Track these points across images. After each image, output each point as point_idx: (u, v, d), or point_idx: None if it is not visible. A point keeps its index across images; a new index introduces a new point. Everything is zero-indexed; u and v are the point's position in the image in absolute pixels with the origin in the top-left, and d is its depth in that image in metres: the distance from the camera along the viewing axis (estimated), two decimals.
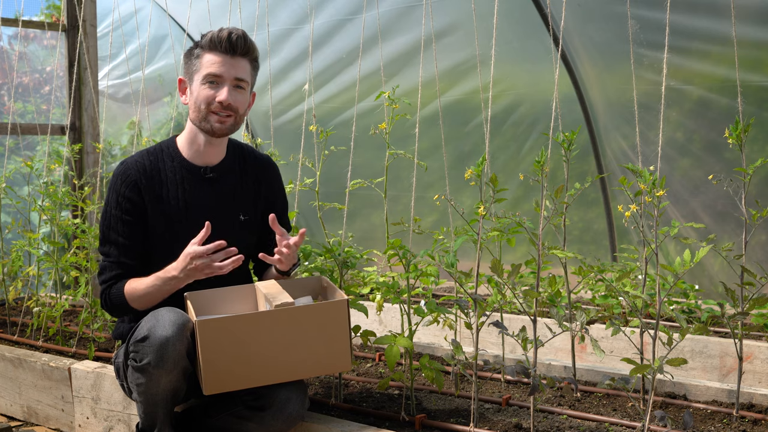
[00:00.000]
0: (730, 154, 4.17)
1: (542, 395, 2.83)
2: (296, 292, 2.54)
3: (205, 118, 2.45)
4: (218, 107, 2.43)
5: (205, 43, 2.45)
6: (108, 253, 2.50)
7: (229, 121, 2.46)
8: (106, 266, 2.50)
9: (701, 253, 2.13)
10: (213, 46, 2.43)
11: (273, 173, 2.69)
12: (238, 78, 2.44)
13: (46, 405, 3.15)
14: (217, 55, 2.43)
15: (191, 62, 2.48)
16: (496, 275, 2.29)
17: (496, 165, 5.13)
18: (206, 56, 2.44)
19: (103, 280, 2.49)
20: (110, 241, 2.49)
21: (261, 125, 6.07)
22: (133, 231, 2.47)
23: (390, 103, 2.85)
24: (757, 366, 3.24)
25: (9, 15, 5.17)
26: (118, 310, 2.50)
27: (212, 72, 2.42)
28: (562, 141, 2.63)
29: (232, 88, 2.44)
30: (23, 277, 3.92)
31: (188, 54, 2.51)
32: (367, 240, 5.52)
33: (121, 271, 2.48)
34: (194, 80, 2.47)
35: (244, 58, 2.46)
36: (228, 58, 2.43)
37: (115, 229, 2.48)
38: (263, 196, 2.64)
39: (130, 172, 2.49)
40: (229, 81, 2.43)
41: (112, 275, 2.48)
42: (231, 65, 2.43)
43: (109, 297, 2.48)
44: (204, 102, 2.44)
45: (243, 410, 2.41)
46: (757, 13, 3.81)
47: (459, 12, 4.77)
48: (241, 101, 2.47)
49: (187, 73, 2.51)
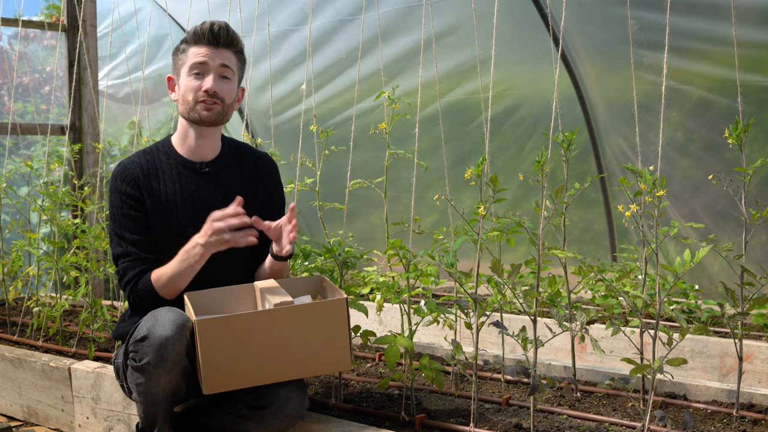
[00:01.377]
0: (730, 154, 4.17)
1: (542, 395, 2.83)
2: (296, 291, 2.54)
3: (192, 108, 2.48)
4: (204, 95, 2.45)
5: (189, 38, 2.50)
6: (126, 253, 2.46)
7: (216, 108, 2.48)
8: (127, 267, 2.46)
9: (701, 253, 2.13)
10: (197, 39, 2.47)
11: (271, 170, 2.68)
12: (223, 65, 2.47)
13: (46, 405, 3.15)
14: (201, 47, 2.47)
15: (178, 58, 2.53)
16: (496, 275, 2.29)
17: (496, 165, 5.13)
18: (191, 49, 2.48)
19: (127, 281, 2.46)
20: (125, 241, 2.47)
21: (261, 125, 6.07)
22: (142, 226, 2.48)
23: (390, 103, 2.85)
24: (757, 366, 3.24)
25: (9, 15, 5.18)
26: (146, 304, 2.44)
27: (197, 62, 2.46)
28: (562, 141, 2.63)
29: (218, 77, 2.47)
30: (23, 277, 3.92)
31: (175, 51, 2.55)
32: (367, 240, 5.52)
33: (144, 266, 2.45)
34: (181, 74, 2.51)
35: (228, 49, 2.50)
36: (212, 49, 2.47)
37: (126, 227, 2.47)
38: (261, 193, 2.63)
39: (129, 171, 2.51)
40: (214, 69, 2.47)
41: (135, 273, 2.45)
42: (215, 54, 2.47)
43: (136, 294, 2.44)
44: (191, 92, 2.47)
45: (243, 409, 2.41)
46: (757, 14, 3.81)
47: (459, 12, 4.78)
48: (227, 90, 2.49)
49: (174, 69, 2.55)
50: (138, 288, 2.44)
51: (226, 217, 2.33)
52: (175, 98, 2.55)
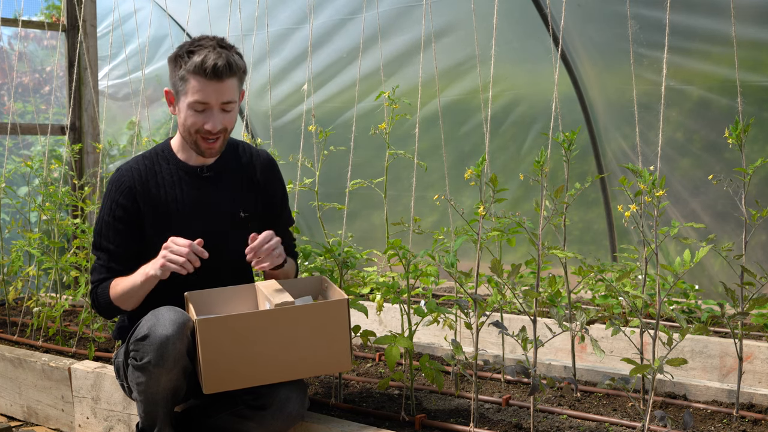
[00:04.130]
0: (730, 154, 4.17)
1: (542, 395, 2.83)
2: (296, 291, 2.54)
3: (194, 143, 2.45)
4: (207, 133, 2.42)
5: (190, 68, 2.37)
6: (98, 257, 2.54)
7: (219, 143, 2.46)
8: (96, 267, 2.54)
9: (701, 253, 2.13)
10: (198, 71, 2.36)
11: (270, 167, 2.67)
12: (225, 102, 2.41)
13: (46, 405, 3.15)
14: (201, 82, 2.36)
15: (177, 80, 2.41)
16: (496, 275, 2.29)
17: (496, 165, 5.13)
18: (191, 82, 2.37)
19: (92, 281, 2.55)
20: (101, 248, 2.53)
21: (261, 125, 6.07)
22: (123, 239, 2.49)
23: (390, 103, 2.85)
24: (757, 366, 3.24)
25: (9, 15, 5.17)
26: (105, 309, 2.53)
27: (199, 100, 2.37)
28: (563, 141, 2.63)
29: (219, 112, 2.41)
30: (23, 277, 3.91)
31: (174, 64, 2.43)
32: (367, 240, 5.52)
33: (108, 275, 2.51)
34: (181, 101, 2.42)
35: (231, 78, 2.41)
36: (214, 83, 2.37)
37: (105, 237, 2.51)
38: (262, 191, 2.63)
39: (124, 179, 2.50)
40: (217, 106, 2.40)
41: (100, 278, 2.52)
42: (217, 90, 2.38)
43: (96, 296, 2.53)
44: (192, 128, 2.42)
45: (243, 409, 2.41)
46: (757, 14, 3.81)
47: (458, 12, 4.77)
48: (229, 120, 2.44)
49: (173, 87, 2.45)
50: (97, 292, 2.52)
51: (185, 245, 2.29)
52: (174, 113, 2.49)
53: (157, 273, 2.33)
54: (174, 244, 2.31)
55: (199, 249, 2.30)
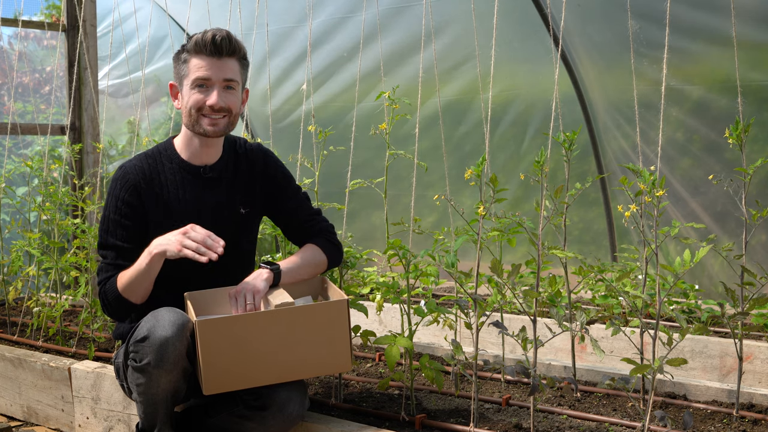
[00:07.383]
0: (730, 154, 4.17)
1: (542, 395, 2.83)
2: (296, 292, 2.54)
3: (197, 122, 2.45)
4: (209, 110, 2.43)
5: (190, 47, 2.43)
6: (105, 256, 2.51)
7: (223, 122, 2.46)
8: (102, 267, 2.51)
9: (701, 253, 2.13)
10: (198, 49, 2.41)
11: (267, 159, 2.67)
12: (227, 79, 2.43)
13: (46, 405, 3.15)
14: (203, 59, 2.41)
15: (179, 66, 2.47)
16: (496, 275, 2.28)
17: (496, 165, 5.13)
18: (193, 60, 2.42)
19: (100, 281, 2.51)
20: (108, 246, 2.50)
21: (261, 125, 6.07)
22: (131, 235, 2.48)
23: (390, 103, 2.85)
24: (757, 366, 3.24)
25: (9, 15, 5.17)
26: (115, 306, 2.47)
27: (200, 76, 2.41)
28: (563, 141, 2.63)
29: (222, 90, 2.43)
30: (23, 277, 3.91)
31: (176, 58, 2.49)
32: (367, 240, 5.52)
33: (116, 272, 2.48)
34: (184, 85, 2.46)
35: (231, 58, 2.45)
36: (215, 60, 2.41)
37: (113, 234, 2.48)
38: (260, 185, 2.63)
39: (129, 177, 2.49)
40: (218, 83, 2.42)
41: (107, 276, 2.49)
42: (218, 67, 2.42)
43: (105, 294, 2.48)
44: (195, 107, 2.43)
45: (243, 410, 2.41)
46: (757, 14, 3.81)
47: (457, 11, 4.77)
48: (233, 101, 2.46)
49: (176, 77, 2.50)
50: (106, 288, 2.47)
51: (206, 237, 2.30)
52: (178, 107, 2.51)
53: (167, 250, 2.30)
54: (193, 231, 2.30)
55: (216, 237, 2.30)
